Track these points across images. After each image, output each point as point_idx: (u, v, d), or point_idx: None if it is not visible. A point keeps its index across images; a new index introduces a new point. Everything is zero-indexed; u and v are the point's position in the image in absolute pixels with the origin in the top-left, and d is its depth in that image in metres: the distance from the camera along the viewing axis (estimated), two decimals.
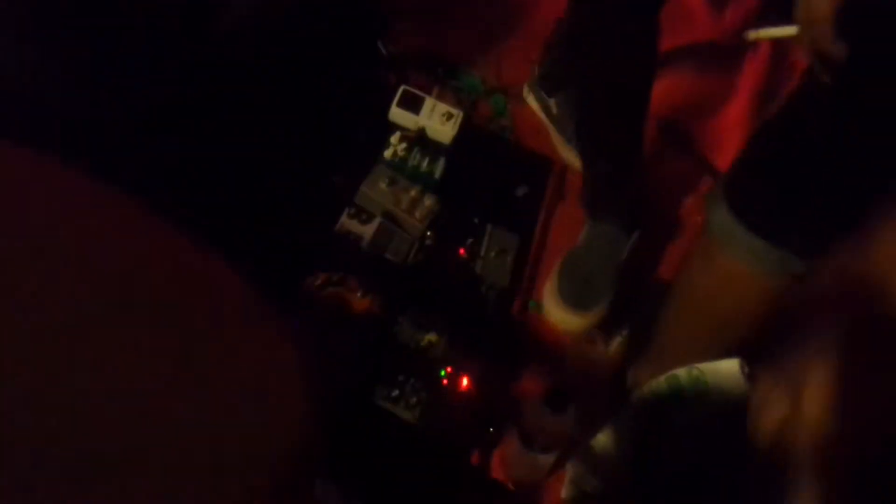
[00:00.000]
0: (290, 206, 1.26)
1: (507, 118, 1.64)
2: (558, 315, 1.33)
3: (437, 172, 1.36)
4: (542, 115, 1.66)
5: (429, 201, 1.31)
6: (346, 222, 1.27)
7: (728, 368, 0.86)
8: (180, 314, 0.33)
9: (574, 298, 1.32)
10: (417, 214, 1.30)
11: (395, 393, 1.17)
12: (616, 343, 1.35)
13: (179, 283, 0.34)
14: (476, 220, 1.35)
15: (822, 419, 0.50)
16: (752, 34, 0.88)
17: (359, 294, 1.22)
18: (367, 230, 1.27)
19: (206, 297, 0.35)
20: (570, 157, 1.62)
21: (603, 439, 1.15)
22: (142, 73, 1.09)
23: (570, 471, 1.17)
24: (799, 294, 0.76)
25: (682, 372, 0.93)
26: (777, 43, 1.83)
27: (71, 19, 0.92)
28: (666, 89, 1.77)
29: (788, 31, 0.86)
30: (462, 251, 1.31)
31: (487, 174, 1.44)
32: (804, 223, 0.82)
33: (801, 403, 0.51)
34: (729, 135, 1.73)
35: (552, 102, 1.63)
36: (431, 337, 1.22)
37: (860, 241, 0.56)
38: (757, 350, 0.90)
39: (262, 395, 0.34)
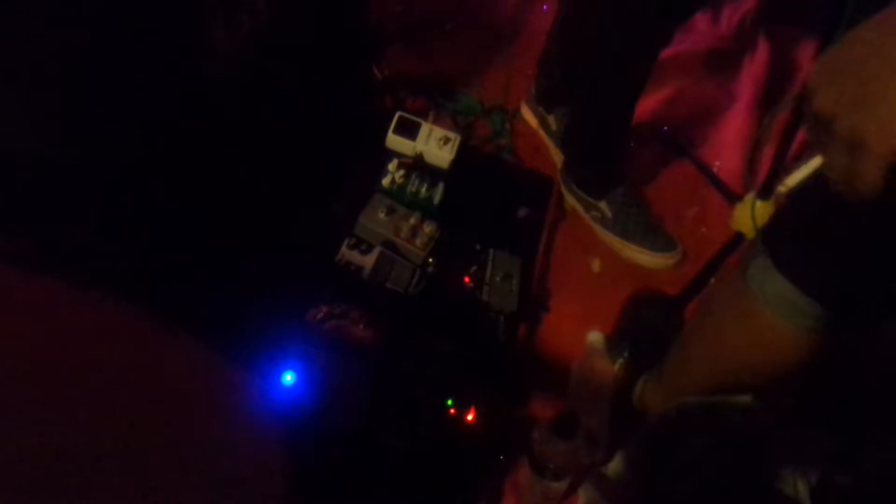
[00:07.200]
0: (289, 240, 1.25)
1: (506, 137, 1.63)
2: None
3: (437, 198, 1.34)
4: (541, 132, 1.65)
5: (429, 228, 1.30)
6: (346, 253, 1.26)
7: (739, 402, 0.85)
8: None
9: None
10: (418, 242, 1.29)
11: (402, 424, 1.15)
12: (620, 362, 1.33)
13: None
14: (478, 246, 1.34)
15: None
16: (782, 187, 0.83)
17: (361, 325, 1.21)
18: (368, 260, 1.26)
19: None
20: None
21: (615, 465, 1.14)
22: (135, 106, 1.09)
23: (582, 497, 1.16)
24: None
25: (692, 402, 0.91)
26: (774, 48, 1.82)
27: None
28: (666, 97, 1.76)
29: (814, 164, 0.79)
30: (467, 279, 1.30)
31: (487, 197, 1.43)
32: (854, 280, 0.76)
33: None
34: (729, 142, 1.72)
35: (551, 119, 1.62)
36: (437, 366, 1.21)
37: None
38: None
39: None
